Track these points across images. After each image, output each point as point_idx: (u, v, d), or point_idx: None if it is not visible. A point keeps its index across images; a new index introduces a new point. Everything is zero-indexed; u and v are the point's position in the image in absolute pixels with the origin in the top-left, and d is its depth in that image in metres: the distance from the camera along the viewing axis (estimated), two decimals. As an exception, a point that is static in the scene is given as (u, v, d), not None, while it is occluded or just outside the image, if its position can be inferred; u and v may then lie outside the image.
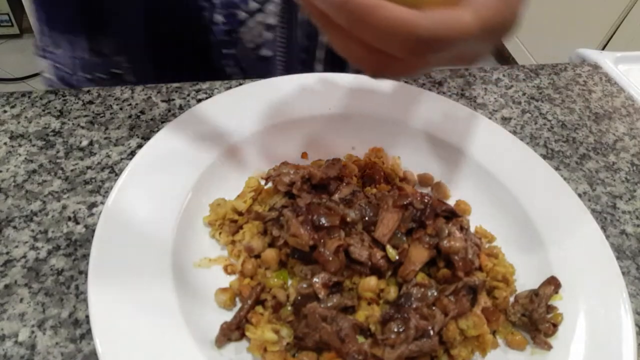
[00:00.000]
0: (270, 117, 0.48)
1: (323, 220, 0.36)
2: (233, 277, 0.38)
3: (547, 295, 0.37)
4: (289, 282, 0.37)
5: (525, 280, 0.41)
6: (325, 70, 0.63)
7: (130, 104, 0.50)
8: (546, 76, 0.66)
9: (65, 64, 0.58)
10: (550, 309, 0.37)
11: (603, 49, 1.70)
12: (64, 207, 0.41)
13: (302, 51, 0.60)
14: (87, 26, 0.55)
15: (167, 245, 0.37)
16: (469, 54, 0.29)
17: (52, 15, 0.56)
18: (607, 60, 0.70)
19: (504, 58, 2.46)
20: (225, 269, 0.39)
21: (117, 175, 0.43)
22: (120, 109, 0.50)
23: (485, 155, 0.48)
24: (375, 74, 0.29)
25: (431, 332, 0.33)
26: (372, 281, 0.36)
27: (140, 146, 0.45)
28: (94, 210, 0.41)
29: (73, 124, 0.48)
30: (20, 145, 0.45)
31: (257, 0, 0.54)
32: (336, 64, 0.63)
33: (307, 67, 0.62)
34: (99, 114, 0.49)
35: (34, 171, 0.43)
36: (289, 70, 0.60)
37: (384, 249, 0.37)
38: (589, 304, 0.38)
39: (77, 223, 0.40)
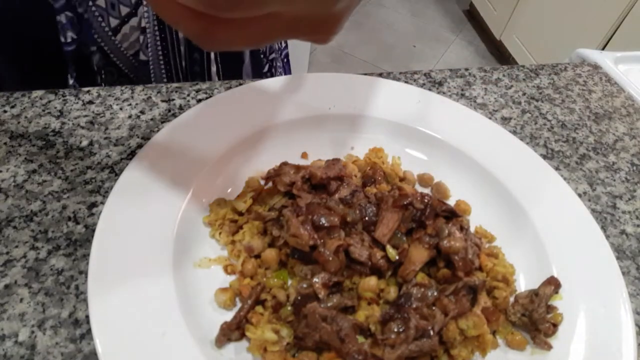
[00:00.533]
0: (271, 117, 0.48)
1: (323, 220, 0.36)
2: (233, 277, 0.38)
3: (547, 295, 0.37)
4: (289, 282, 0.37)
5: (525, 280, 0.41)
6: (221, 69, 0.61)
7: (130, 104, 0.50)
8: (546, 76, 0.66)
9: None
10: (550, 309, 0.37)
11: (603, 49, 1.70)
12: (64, 207, 0.41)
13: (196, 51, 0.58)
14: None
15: (167, 245, 0.37)
16: (305, 14, 0.24)
17: None
18: (607, 60, 0.70)
19: (504, 58, 2.46)
20: (225, 269, 0.39)
21: (117, 175, 0.43)
22: (120, 109, 0.50)
23: (485, 155, 0.48)
24: (200, 41, 0.24)
25: (431, 332, 0.33)
26: (372, 281, 0.36)
27: (140, 146, 0.45)
28: (94, 210, 0.41)
29: (73, 124, 0.48)
30: (20, 145, 0.45)
31: (127, 5, 0.52)
32: (231, 62, 0.61)
33: (200, 67, 0.60)
34: (99, 114, 0.49)
35: (34, 171, 0.43)
36: (170, 72, 0.59)
37: (384, 249, 0.37)
38: (589, 304, 0.38)
39: (77, 223, 0.40)
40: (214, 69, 0.60)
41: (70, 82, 0.55)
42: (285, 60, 0.72)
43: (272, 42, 0.27)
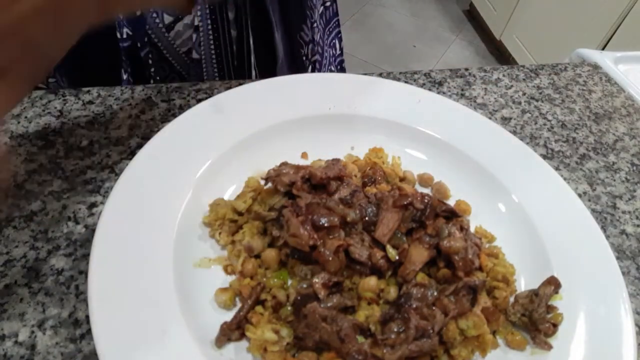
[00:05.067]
0: (270, 117, 0.48)
1: (323, 220, 0.36)
2: (233, 277, 0.38)
3: (547, 295, 0.37)
4: (289, 282, 0.37)
5: (525, 280, 0.41)
6: (258, 72, 0.61)
7: (130, 104, 0.50)
8: (546, 76, 0.66)
9: None
10: (550, 309, 0.37)
11: (603, 49, 1.70)
12: (64, 207, 0.41)
13: (237, 51, 0.58)
14: None
15: (167, 245, 0.37)
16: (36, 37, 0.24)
17: None
18: (607, 60, 0.70)
19: (504, 58, 2.46)
20: (225, 269, 0.39)
21: (117, 175, 0.43)
22: (120, 109, 0.50)
23: (485, 155, 0.48)
24: None
25: (431, 332, 0.33)
26: (372, 281, 0.36)
27: (140, 146, 0.45)
28: (94, 210, 0.41)
29: (73, 124, 0.48)
30: (20, 145, 0.45)
31: None
32: (266, 63, 0.61)
33: (240, 67, 0.60)
34: (99, 114, 0.49)
35: (34, 171, 0.43)
36: (222, 70, 0.59)
37: (384, 249, 0.37)
38: (589, 304, 0.38)
39: (77, 223, 0.40)
40: (254, 72, 0.61)
41: (124, 77, 0.55)
42: (339, 67, 0.72)
43: None
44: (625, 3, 1.71)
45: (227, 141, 0.45)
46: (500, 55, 2.51)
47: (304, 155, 0.48)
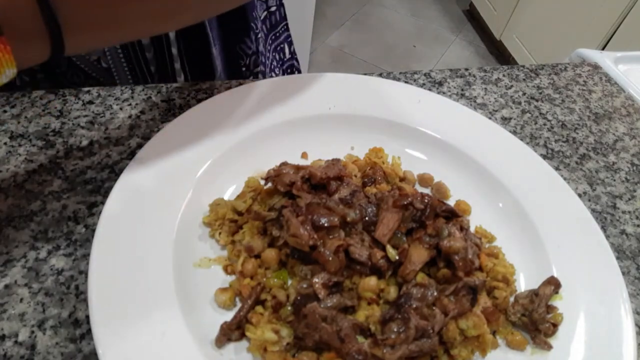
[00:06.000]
0: (270, 117, 0.48)
1: (323, 220, 0.36)
2: (233, 277, 0.38)
3: (547, 295, 0.37)
4: (289, 282, 0.37)
5: (525, 280, 0.41)
6: (187, 76, 0.60)
7: (130, 104, 0.50)
8: (546, 76, 0.66)
9: None
10: (550, 309, 0.37)
11: (603, 49, 1.70)
12: (64, 207, 0.41)
13: (162, 58, 0.57)
14: None
15: (167, 245, 0.37)
16: None
17: None
18: (607, 60, 0.70)
19: (504, 58, 2.46)
20: (225, 269, 0.39)
21: (117, 175, 0.43)
22: (120, 109, 0.50)
23: (485, 155, 0.48)
24: None
25: (431, 332, 0.33)
26: (372, 281, 0.36)
27: (140, 146, 0.45)
28: (94, 210, 0.41)
29: (73, 124, 0.48)
30: (20, 145, 0.45)
31: None
32: (196, 72, 0.60)
33: (163, 74, 0.59)
34: (99, 114, 0.49)
35: (34, 171, 0.43)
36: (137, 77, 0.58)
37: (384, 249, 0.37)
38: (589, 304, 0.38)
39: (77, 223, 0.40)
40: (181, 78, 0.60)
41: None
42: (289, 71, 0.71)
43: None
44: (625, 3, 1.71)
45: (227, 141, 0.45)
46: (500, 55, 2.51)
47: (304, 155, 0.48)
